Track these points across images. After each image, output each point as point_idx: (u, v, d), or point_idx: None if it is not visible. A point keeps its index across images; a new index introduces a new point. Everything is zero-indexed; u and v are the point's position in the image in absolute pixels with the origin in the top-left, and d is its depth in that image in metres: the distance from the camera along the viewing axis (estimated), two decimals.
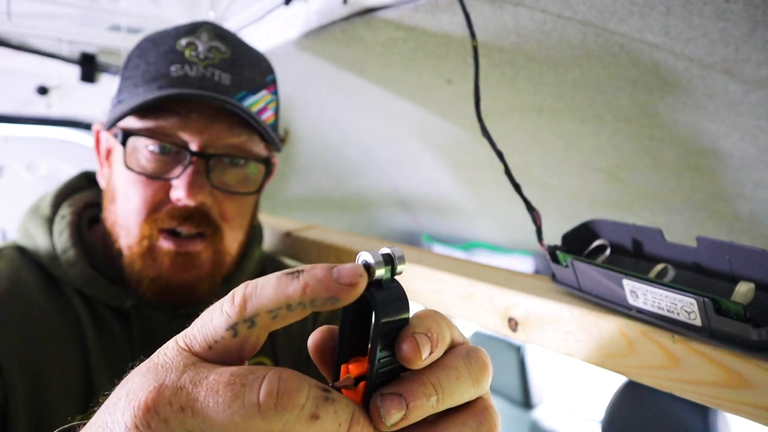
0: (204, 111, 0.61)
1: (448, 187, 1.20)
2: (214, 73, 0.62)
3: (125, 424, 0.25)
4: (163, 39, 0.64)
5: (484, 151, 0.94)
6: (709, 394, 0.37)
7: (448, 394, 0.28)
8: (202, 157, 0.61)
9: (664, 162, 0.74)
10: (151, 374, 0.26)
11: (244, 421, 0.24)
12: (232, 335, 0.26)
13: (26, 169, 1.33)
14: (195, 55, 0.62)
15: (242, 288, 0.27)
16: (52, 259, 0.63)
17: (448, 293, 0.58)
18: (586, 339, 0.45)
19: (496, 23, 0.60)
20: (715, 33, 0.49)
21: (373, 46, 0.76)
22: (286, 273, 0.27)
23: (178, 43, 0.63)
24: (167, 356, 0.27)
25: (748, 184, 0.69)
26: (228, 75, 0.63)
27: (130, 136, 0.61)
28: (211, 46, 0.64)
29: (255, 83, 0.65)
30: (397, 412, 0.26)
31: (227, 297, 0.27)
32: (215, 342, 0.27)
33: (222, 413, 0.24)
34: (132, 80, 0.63)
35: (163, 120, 0.60)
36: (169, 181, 0.61)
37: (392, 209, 1.52)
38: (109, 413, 0.26)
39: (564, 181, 0.92)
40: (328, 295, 0.26)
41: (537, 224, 0.50)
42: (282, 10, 0.82)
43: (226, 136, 0.62)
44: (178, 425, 0.24)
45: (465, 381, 0.30)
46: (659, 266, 0.45)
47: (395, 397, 0.27)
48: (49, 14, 0.98)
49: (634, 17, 0.51)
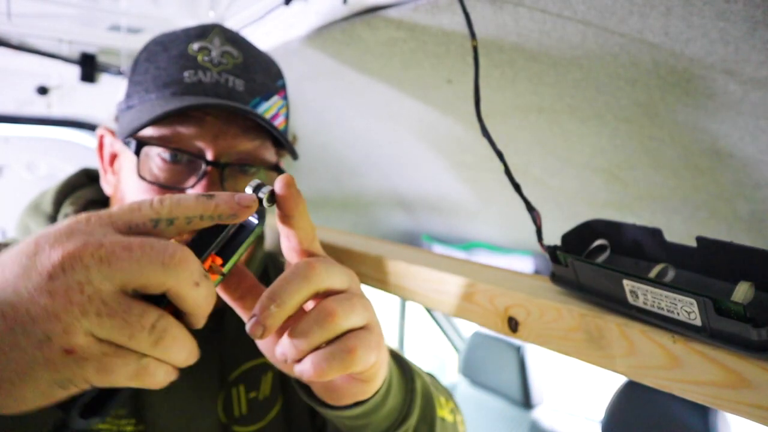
0: (219, 116, 0.60)
1: (448, 187, 1.20)
2: (228, 79, 0.61)
3: (51, 264, 0.31)
4: (173, 42, 0.63)
5: (484, 151, 0.94)
6: (709, 394, 0.37)
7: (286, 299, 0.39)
8: (218, 166, 0.59)
9: (664, 162, 0.74)
10: (77, 234, 0.32)
11: (149, 272, 0.32)
12: (153, 226, 0.35)
13: (26, 169, 1.33)
14: (208, 60, 0.61)
15: (170, 197, 0.36)
16: None
17: (448, 293, 0.58)
18: (586, 339, 0.45)
19: (496, 23, 0.60)
20: (715, 33, 0.49)
21: (373, 46, 0.76)
22: (203, 194, 0.37)
23: (190, 48, 0.61)
24: (91, 223, 0.34)
25: (748, 184, 0.69)
26: (241, 81, 0.62)
27: (145, 146, 0.59)
28: (224, 51, 0.62)
29: (267, 89, 0.64)
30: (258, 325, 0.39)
31: (157, 198, 0.36)
32: (136, 226, 0.35)
33: (134, 265, 0.32)
34: (142, 85, 0.62)
35: (178, 127, 0.59)
36: (184, 191, 0.60)
37: (392, 209, 1.52)
38: (27, 257, 0.32)
39: (564, 181, 0.92)
40: (231, 212, 0.37)
41: (537, 224, 0.50)
42: (282, 10, 0.82)
43: (240, 141, 0.61)
44: (96, 272, 0.31)
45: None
46: (659, 266, 0.45)
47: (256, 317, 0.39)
48: (49, 14, 0.98)
49: (634, 17, 0.51)
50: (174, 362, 0.35)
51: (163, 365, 0.34)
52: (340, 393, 0.48)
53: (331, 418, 0.51)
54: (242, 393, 0.66)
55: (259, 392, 0.67)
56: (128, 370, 0.33)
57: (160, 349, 0.33)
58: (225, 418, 0.64)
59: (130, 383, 0.33)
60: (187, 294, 0.34)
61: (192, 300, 0.34)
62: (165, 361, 0.34)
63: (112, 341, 0.32)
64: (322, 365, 0.40)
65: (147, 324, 0.32)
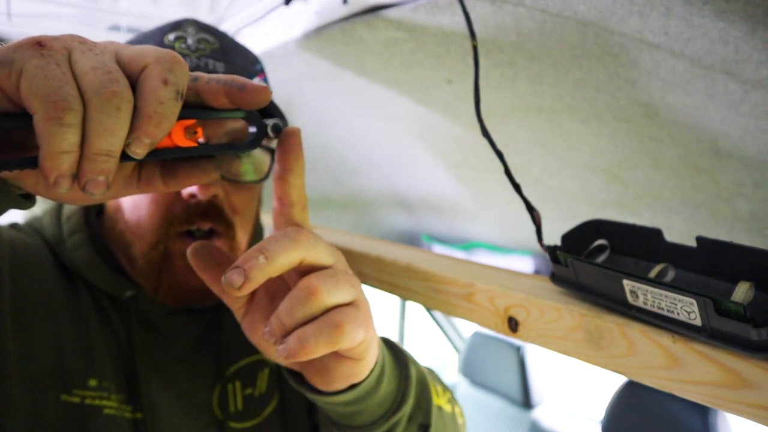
0: None
1: (448, 187, 1.20)
2: (208, 63, 0.61)
3: (26, 41, 0.30)
4: (148, 38, 0.63)
5: (484, 151, 0.94)
6: (709, 394, 0.37)
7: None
8: None
9: (664, 162, 0.74)
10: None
11: (135, 49, 0.32)
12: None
13: None
14: (186, 47, 0.61)
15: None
16: (58, 243, 0.63)
17: (448, 293, 0.58)
18: (586, 339, 0.45)
19: (496, 23, 0.60)
20: (715, 33, 0.49)
21: (373, 46, 0.76)
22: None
23: (166, 38, 0.62)
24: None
25: (748, 184, 0.69)
26: (222, 63, 0.62)
27: None
28: (200, 38, 0.63)
29: (247, 71, 0.65)
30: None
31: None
32: None
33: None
34: None
35: None
36: None
37: (392, 209, 1.52)
38: None
39: (564, 181, 0.92)
40: (240, 83, 0.36)
41: (537, 224, 0.50)
42: (282, 10, 0.82)
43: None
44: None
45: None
46: (659, 266, 0.45)
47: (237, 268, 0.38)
48: (49, 14, 0.98)
49: (634, 17, 0.51)
50: (98, 145, 0.30)
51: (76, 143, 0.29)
52: (332, 375, 0.47)
53: (324, 405, 0.51)
54: (238, 389, 0.66)
55: (255, 389, 0.67)
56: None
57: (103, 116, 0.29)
58: (220, 413, 0.64)
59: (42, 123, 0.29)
60: (154, 83, 0.31)
61: (151, 92, 0.31)
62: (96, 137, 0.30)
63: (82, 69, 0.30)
64: (308, 341, 0.38)
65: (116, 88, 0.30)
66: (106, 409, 0.57)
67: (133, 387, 0.60)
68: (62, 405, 0.55)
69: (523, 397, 2.06)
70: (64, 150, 0.29)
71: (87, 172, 0.30)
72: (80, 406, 0.56)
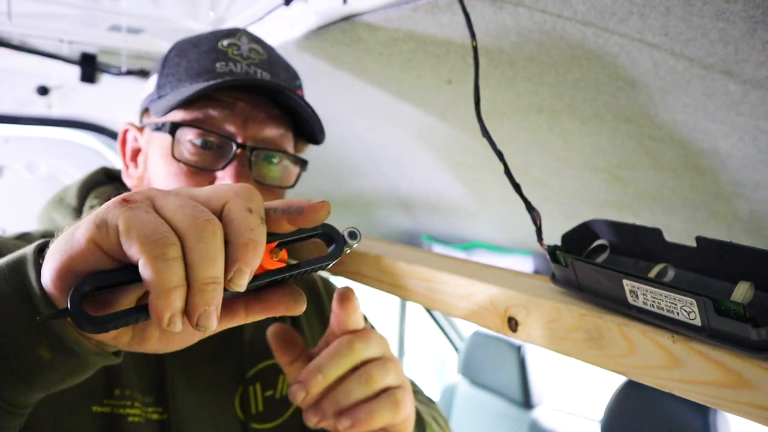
0: (249, 101, 0.63)
1: (448, 187, 1.20)
2: (257, 71, 0.64)
3: (112, 203, 0.32)
4: (201, 41, 0.66)
5: (484, 151, 0.94)
6: (709, 394, 0.37)
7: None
8: (247, 149, 0.62)
9: (664, 162, 0.74)
10: None
11: (212, 189, 0.35)
12: None
13: (26, 169, 1.33)
14: (238, 54, 0.64)
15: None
16: None
17: (448, 293, 0.58)
18: (586, 339, 0.45)
19: (496, 23, 0.60)
20: (715, 33, 0.49)
21: (373, 47, 0.76)
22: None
23: (220, 43, 0.65)
24: None
25: (748, 184, 0.69)
26: (268, 74, 0.65)
27: (180, 128, 0.61)
28: (251, 48, 0.66)
29: (290, 85, 0.67)
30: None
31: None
32: None
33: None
34: (174, 76, 0.64)
35: (209, 110, 0.62)
36: (214, 173, 0.62)
37: (392, 209, 1.52)
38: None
39: (564, 181, 0.92)
40: (299, 205, 0.37)
41: (537, 224, 0.50)
42: (282, 10, 0.82)
43: (267, 127, 0.64)
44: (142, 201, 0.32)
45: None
46: (659, 266, 0.45)
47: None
48: (49, 14, 0.98)
49: (634, 17, 0.51)
50: (199, 304, 0.31)
51: (180, 301, 0.30)
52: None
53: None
54: (259, 391, 0.67)
55: (276, 391, 0.68)
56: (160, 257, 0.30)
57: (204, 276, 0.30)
58: (242, 415, 0.64)
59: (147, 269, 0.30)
60: (238, 214, 0.33)
61: (242, 222, 0.32)
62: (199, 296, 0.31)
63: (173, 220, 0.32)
64: (376, 412, 0.50)
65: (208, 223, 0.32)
66: (130, 417, 0.57)
67: (160, 386, 0.60)
68: (94, 416, 0.55)
69: (523, 397, 2.06)
70: (174, 284, 0.30)
71: (199, 304, 0.30)
72: (110, 416, 0.56)
